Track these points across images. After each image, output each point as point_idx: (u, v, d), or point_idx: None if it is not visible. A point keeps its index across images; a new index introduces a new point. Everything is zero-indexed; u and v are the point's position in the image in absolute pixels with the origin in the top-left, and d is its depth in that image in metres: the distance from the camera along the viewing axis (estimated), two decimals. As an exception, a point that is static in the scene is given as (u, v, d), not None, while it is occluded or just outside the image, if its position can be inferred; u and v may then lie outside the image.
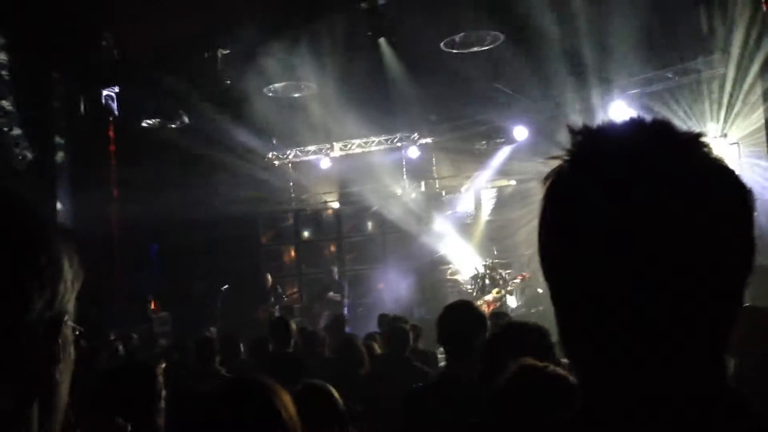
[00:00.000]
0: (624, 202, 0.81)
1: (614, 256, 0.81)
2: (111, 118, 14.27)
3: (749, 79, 10.46)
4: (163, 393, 3.34)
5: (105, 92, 13.89)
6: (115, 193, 14.71)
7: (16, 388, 0.79)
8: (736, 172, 0.86)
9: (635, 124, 0.88)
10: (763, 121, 10.28)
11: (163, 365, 4.45)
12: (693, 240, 0.80)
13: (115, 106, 13.98)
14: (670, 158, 0.83)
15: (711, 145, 0.86)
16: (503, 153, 15.16)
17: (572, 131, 0.89)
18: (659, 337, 0.81)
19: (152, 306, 14.59)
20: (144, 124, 14.23)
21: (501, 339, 2.71)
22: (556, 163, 0.90)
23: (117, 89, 13.85)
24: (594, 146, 0.87)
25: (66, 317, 0.85)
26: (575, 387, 2.06)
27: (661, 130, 0.87)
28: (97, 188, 13.81)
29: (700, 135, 0.87)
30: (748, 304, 3.48)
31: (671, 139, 0.86)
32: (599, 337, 0.84)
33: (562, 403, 1.98)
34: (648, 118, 0.88)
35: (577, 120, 12.84)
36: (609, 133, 0.88)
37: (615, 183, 0.82)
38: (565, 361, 3.43)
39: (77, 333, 0.88)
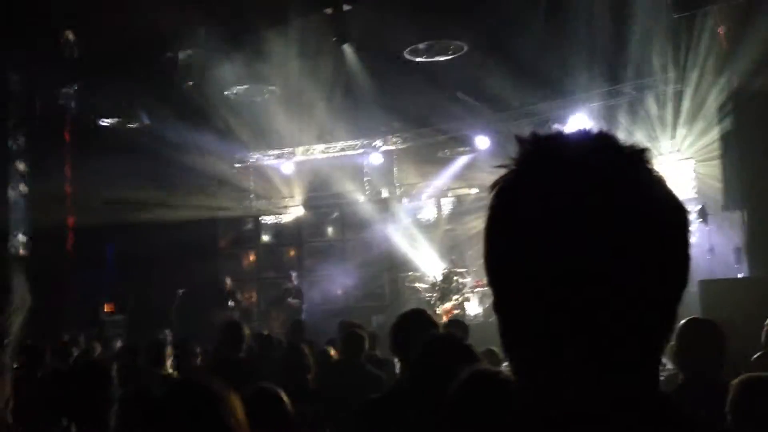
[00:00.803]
0: (563, 211, 0.82)
1: (551, 264, 0.82)
2: (68, 117, 14.00)
3: (704, 96, 10.72)
4: (116, 395, 3.30)
5: (63, 90, 13.63)
6: (69, 192, 14.43)
7: None
8: (674, 190, 0.88)
9: (581, 135, 0.90)
10: (716, 137, 10.53)
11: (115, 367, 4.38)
12: (629, 252, 0.82)
13: (73, 104, 13.72)
14: (611, 171, 0.84)
15: (652, 161, 0.88)
16: (461, 161, 15.31)
17: (519, 140, 0.90)
18: (592, 344, 0.82)
19: (105, 308, 14.35)
20: (102, 124, 14.00)
21: (426, 353, 2.73)
22: (504, 171, 0.90)
23: (75, 87, 13.59)
24: (539, 156, 0.88)
25: (7, 339, 0.92)
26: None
27: (605, 143, 0.88)
28: (53, 188, 13.53)
29: (643, 150, 0.88)
30: (692, 317, 3.56)
31: (614, 153, 0.87)
32: (536, 342, 0.85)
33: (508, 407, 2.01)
34: (594, 130, 0.90)
35: (538, 130, 13.02)
36: (555, 143, 0.89)
37: (556, 193, 0.83)
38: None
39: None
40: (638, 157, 0.87)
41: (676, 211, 0.87)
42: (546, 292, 0.83)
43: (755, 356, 5.02)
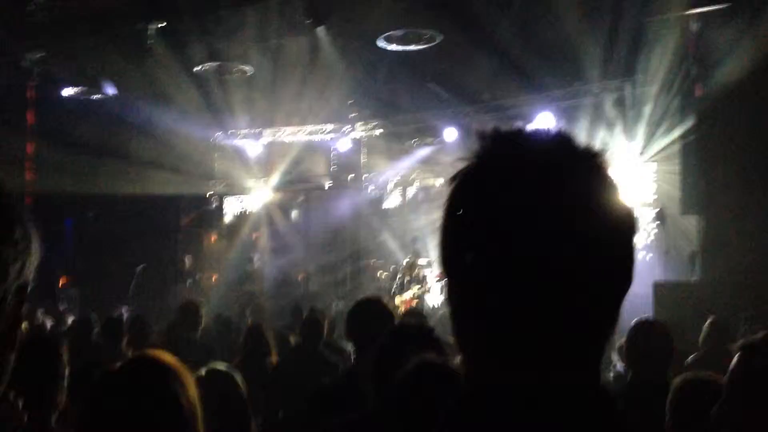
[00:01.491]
0: (516, 208, 0.86)
1: (501, 258, 0.85)
2: (31, 85, 13.68)
3: (667, 101, 10.88)
4: (67, 371, 3.26)
5: (27, 56, 13.30)
6: (28, 165, 14.14)
7: None
8: (624, 194, 0.91)
9: (540, 134, 0.93)
10: (677, 141, 10.72)
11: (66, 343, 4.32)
12: (576, 250, 0.85)
13: (36, 71, 13.39)
14: (565, 171, 0.88)
15: (607, 165, 0.91)
16: (427, 151, 15.34)
17: (480, 136, 0.93)
18: (539, 336, 0.86)
19: (61, 282, 14.14)
20: (65, 94, 13.72)
21: (392, 339, 2.76)
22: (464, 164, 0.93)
23: (40, 54, 13.26)
24: (498, 152, 0.91)
25: (29, 286, 0.95)
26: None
27: (562, 143, 0.91)
28: (12, 157, 13.25)
29: (597, 153, 0.91)
30: (642, 317, 3.65)
31: (570, 153, 0.90)
32: (484, 333, 0.89)
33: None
34: (553, 130, 0.93)
35: (505, 126, 13.13)
36: (514, 141, 0.92)
37: (511, 189, 0.87)
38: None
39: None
40: (592, 159, 0.91)
41: (623, 213, 0.90)
42: (495, 285, 0.86)
43: (692, 357, 5.15)
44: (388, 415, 2.19)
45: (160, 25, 12.26)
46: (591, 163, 0.90)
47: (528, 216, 0.85)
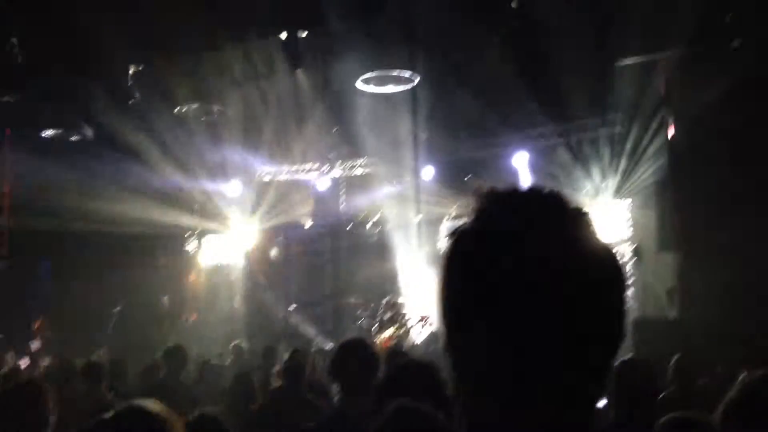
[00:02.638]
0: (514, 262, 0.91)
1: (500, 309, 0.91)
2: (7, 130, 13.62)
3: (642, 141, 11.11)
4: (53, 417, 3.22)
5: (4, 99, 13.24)
6: (7, 205, 14.02)
7: None
8: (612, 250, 0.97)
9: (532, 194, 0.99)
10: (652, 181, 10.90)
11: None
12: (570, 308, 0.91)
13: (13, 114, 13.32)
14: (557, 230, 0.94)
15: (592, 221, 0.98)
16: (403, 190, 15.40)
17: (478, 194, 1.00)
18: (534, 386, 0.91)
19: (36, 325, 13.90)
20: (44, 135, 13.64)
21: (393, 379, 2.75)
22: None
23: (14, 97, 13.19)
24: (495, 213, 0.97)
25: None
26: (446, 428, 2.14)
27: (554, 202, 0.98)
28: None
29: (585, 213, 0.98)
30: (627, 357, 3.70)
31: (561, 213, 0.97)
32: (482, 380, 0.94)
33: None
34: (545, 189, 1.00)
35: (479, 168, 13.34)
36: (509, 200, 0.99)
37: (508, 245, 0.93)
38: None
39: None
40: (581, 218, 0.98)
41: (615, 269, 0.96)
42: (493, 336, 0.91)
43: (662, 395, 5.18)
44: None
45: (140, 68, 12.34)
46: (580, 222, 0.97)
47: (525, 269, 0.91)
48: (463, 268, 0.96)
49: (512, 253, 0.92)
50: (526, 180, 13.20)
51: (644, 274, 10.89)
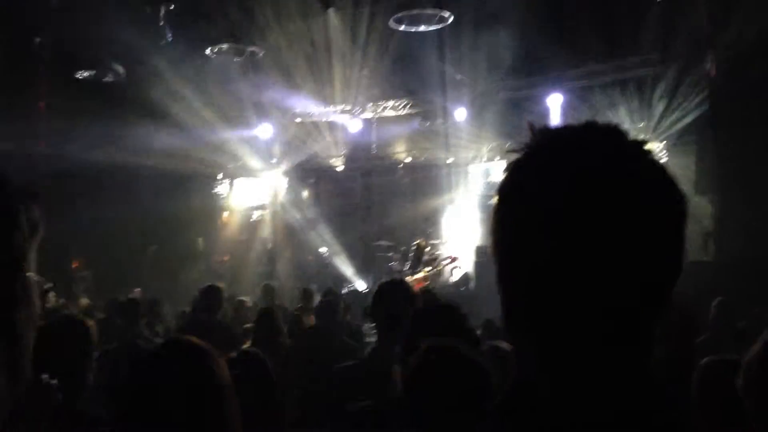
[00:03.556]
0: (569, 196, 0.89)
1: (555, 243, 0.88)
2: (43, 67, 13.69)
3: (683, 80, 10.82)
4: (96, 352, 3.30)
5: (38, 39, 13.30)
6: (42, 144, 14.19)
7: None
8: (675, 180, 0.94)
9: (588, 128, 0.95)
10: (692, 121, 10.66)
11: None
12: (629, 238, 0.88)
13: (48, 54, 13.39)
14: (616, 162, 0.91)
15: (654, 151, 0.94)
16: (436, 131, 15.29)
17: (531, 129, 0.96)
18: (592, 324, 0.89)
19: (74, 264, 14.22)
20: (78, 76, 13.71)
21: (420, 321, 2.76)
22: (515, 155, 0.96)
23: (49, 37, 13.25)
24: (550, 146, 0.94)
25: (23, 265, 0.91)
26: (483, 369, 2.14)
27: (611, 134, 0.94)
28: (25, 136, 13.30)
29: (644, 142, 0.95)
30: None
31: (619, 145, 0.93)
32: (538, 320, 0.91)
33: (470, 383, 2.07)
34: (599, 122, 0.96)
35: (514, 108, 13.14)
36: (564, 134, 0.96)
37: (563, 179, 0.90)
38: (493, 342, 3.54)
39: (45, 287, 0.94)
40: (641, 148, 0.94)
41: (676, 199, 0.93)
42: (548, 270, 0.89)
43: (700, 338, 5.15)
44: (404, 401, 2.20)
45: (172, 7, 12.27)
46: (641, 153, 0.93)
47: (582, 205, 0.88)
48: (521, 200, 0.93)
49: (572, 183, 0.89)
50: (557, 120, 12.98)
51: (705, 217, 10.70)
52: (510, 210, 0.95)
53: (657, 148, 12.26)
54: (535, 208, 0.90)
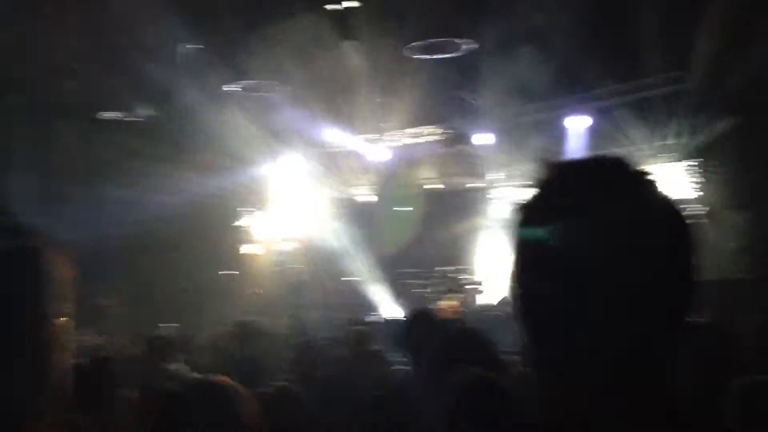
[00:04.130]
0: (581, 231, 0.93)
1: (571, 277, 0.92)
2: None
3: (710, 94, 10.71)
4: (123, 391, 3.34)
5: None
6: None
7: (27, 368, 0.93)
8: (680, 211, 0.98)
9: (596, 162, 1.02)
10: (722, 135, 10.54)
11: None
12: (640, 273, 0.92)
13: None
14: (623, 198, 0.96)
15: (657, 183, 0.99)
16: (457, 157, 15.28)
17: (544, 165, 1.02)
18: (612, 358, 0.91)
19: (105, 303, 14.33)
20: (102, 116, 13.95)
21: (449, 347, 2.77)
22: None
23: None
24: (558, 184, 1.00)
25: (58, 315, 0.96)
26: (517, 399, 2.15)
27: (617, 169, 0.99)
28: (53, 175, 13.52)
29: (648, 173, 0.99)
30: (698, 320, 3.61)
31: (625, 179, 0.98)
32: (557, 356, 0.95)
33: (506, 415, 2.07)
34: (606, 156, 1.02)
35: (537, 131, 13.12)
36: (570, 171, 1.02)
37: (576, 213, 0.94)
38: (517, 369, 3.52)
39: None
40: (646, 181, 0.98)
41: (683, 231, 0.97)
42: (563, 308, 0.93)
43: (736, 357, 5.03)
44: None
45: (189, 46, 12.48)
46: (647, 186, 0.98)
47: (594, 239, 0.92)
48: (533, 240, 0.97)
49: (581, 225, 0.93)
50: (580, 142, 12.95)
51: (710, 234, 10.59)
52: (524, 249, 0.99)
53: (686, 165, 12.14)
54: (547, 248, 0.94)
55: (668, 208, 0.97)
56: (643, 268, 0.91)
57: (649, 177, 0.98)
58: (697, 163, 11.91)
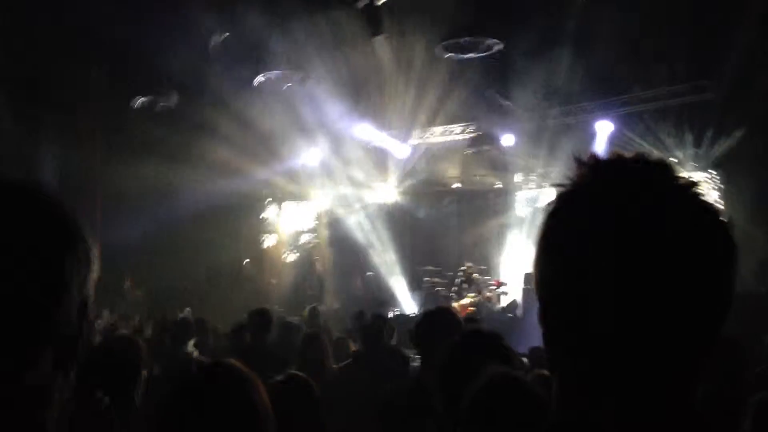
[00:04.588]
0: (615, 235, 0.87)
1: (600, 283, 0.87)
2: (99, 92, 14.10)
3: (735, 107, 10.58)
4: (144, 370, 3.37)
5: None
6: (100, 161, 14.61)
7: (54, 356, 0.92)
8: (725, 222, 0.92)
9: (638, 162, 0.93)
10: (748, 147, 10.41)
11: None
12: (675, 277, 0.86)
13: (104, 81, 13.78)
14: (665, 201, 0.89)
15: (702, 192, 0.92)
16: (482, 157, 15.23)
17: (578, 161, 0.95)
18: (635, 361, 0.88)
19: (128, 282, 14.50)
20: (135, 105, 14.08)
21: (459, 345, 2.74)
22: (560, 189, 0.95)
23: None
24: (597, 181, 0.93)
25: (90, 300, 0.97)
26: (542, 399, 2.12)
27: (661, 171, 0.92)
28: (85, 156, 13.71)
29: (695, 182, 0.92)
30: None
31: (669, 183, 0.91)
32: (579, 356, 0.91)
33: (532, 415, 2.05)
34: (650, 157, 0.94)
35: (562, 134, 13.04)
36: (612, 169, 0.93)
37: (611, 219, 0.88)
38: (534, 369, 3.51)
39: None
40: (691, 188, 0.91)
41: (726, 241, 0.91)
42: (591, 309, 0.88)
43: (756, 371, 4.98)
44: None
45: (223, 36, 12.54)
46: (691, 193, 0.91)
47: (626, 243, 0.86)
48: (567, 239, 0.92)
49: (621, 224, 0.87)
50: (604, 147, 12.84)
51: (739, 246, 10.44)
52: (556, 249, 0.93)
53: (708, 176, 12.01)
54: (583, 249, 0.89)
55: (715, 218, 0.90)
56: (686, 281, 0.86)
57: (696, 184, 0.92)
58: (717, 174, 11.77)
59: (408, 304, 14.44)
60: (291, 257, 16.95)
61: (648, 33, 10.43)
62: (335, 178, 16.44)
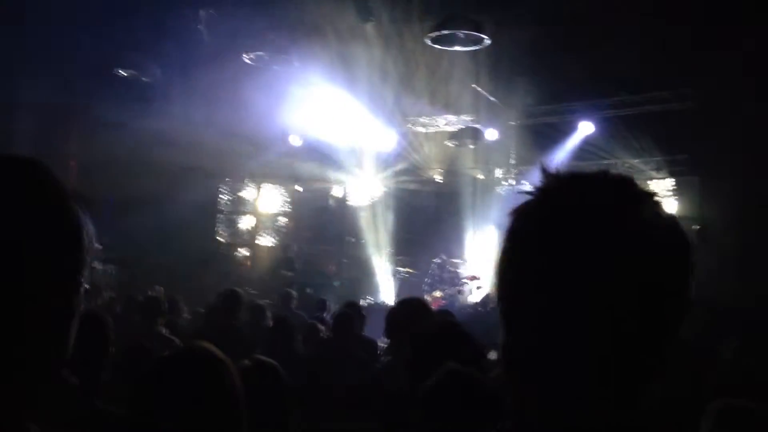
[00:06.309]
0: (576, 242, 0.91)
1: (560, 286, 0.91)
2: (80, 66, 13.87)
3: (717, 112, 10.69)
4: (112, 348, 3.33)
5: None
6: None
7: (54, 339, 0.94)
8: (683, 231, 0.96)
9: (600, 177, 0.97)
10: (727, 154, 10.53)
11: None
12: (633, 289, 0.90)
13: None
14: (624, 213, 0.92)
15: (662, 203, 0.96)
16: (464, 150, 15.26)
17: (544, 172, 0.98)
18: (590, 362, 0.90)
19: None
20: (119, 73, 13.87)
21: (424, 339, 2.76)
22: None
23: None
24: (560, 194, 0.96)
25: (83, 279, 0.98)
26: (497, 396, 2.14)
27: (622, 186, 0.96)
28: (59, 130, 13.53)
29: (654, 194, 0.97)
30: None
31: (628, 196, 0.95)
32: (536, 354, 0.93)
33: (484, 411, 2.08)
34: (612, 173, 0.98)
35: (544, 133, 13.12)
36: (575, 183, 0.97)
37: (572, 232, 0.91)
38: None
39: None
40: (648, 199, 0.95)
41: (683, 251, 0.95)
42: (550, 312, 0.91)
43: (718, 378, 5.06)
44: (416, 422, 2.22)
45: (211, 11, 12.40)
46: (647, 203, 0.95)
47: (588, 251, 0.90)
48: (524, 246, 0.95)
49: (575, 236, 0.91)
50: (584, 147, 12.97)
51: (710, 253, 10.57)
52: (517, 255, 0.97)
53: (685, 182, 12.16)
54: (542, 258, 0.92)
55: (670, 227, 0.94)
56: (644, 289, 0.89)
57: (654, 196, 0.96)
58: (698, 180, 11.91)
59: (383, 294, 14.47)
60: (267, 240, 16.88)
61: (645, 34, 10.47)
62: (316, 163, 16.35)
